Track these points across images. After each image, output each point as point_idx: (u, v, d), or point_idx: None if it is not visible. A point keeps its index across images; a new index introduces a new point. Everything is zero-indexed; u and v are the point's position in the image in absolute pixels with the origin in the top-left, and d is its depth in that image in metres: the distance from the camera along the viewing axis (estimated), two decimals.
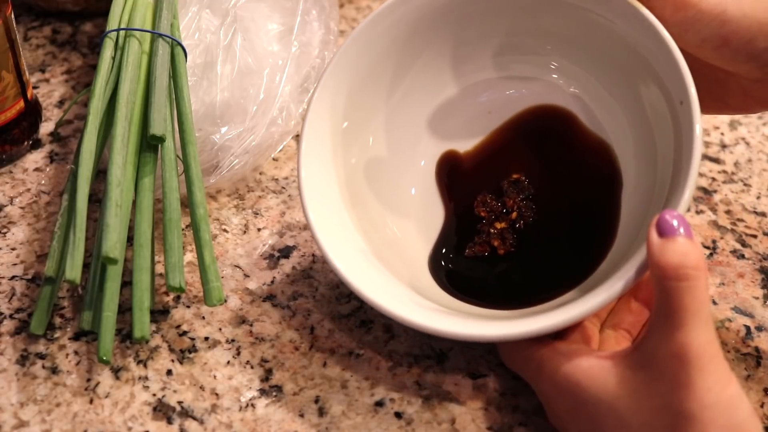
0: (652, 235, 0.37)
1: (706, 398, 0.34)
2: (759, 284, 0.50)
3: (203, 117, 0.54)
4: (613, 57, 0.46)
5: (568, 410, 0.38)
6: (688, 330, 0.35)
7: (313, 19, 0.63)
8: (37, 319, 0.45)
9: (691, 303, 0.35)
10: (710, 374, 0.34)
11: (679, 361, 0.35)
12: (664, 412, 0.35)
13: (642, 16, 0.42)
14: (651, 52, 0.43)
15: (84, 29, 0.70)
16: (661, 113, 0.43)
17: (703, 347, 0.35)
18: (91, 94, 0.51)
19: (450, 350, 0.46)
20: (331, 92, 0.48)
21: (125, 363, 0.45)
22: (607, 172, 0.47)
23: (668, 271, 0.35)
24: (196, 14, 0.57)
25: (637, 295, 0.43)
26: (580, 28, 0.47)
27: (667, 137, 0.43)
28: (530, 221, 0.48)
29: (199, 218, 0.47)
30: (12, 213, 0.54)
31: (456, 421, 0.43)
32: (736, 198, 0.56)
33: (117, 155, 0.47)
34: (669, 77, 0.41)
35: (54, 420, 0.42)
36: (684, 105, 0.40)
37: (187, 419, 0.42)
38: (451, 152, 0.51)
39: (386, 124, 0.51)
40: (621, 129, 0.47)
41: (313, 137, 0.47)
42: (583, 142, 0.48)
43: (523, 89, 0.51)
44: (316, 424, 0.42)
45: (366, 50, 0.48)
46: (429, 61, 0.51)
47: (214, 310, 0.48)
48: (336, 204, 0.47)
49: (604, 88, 0.48)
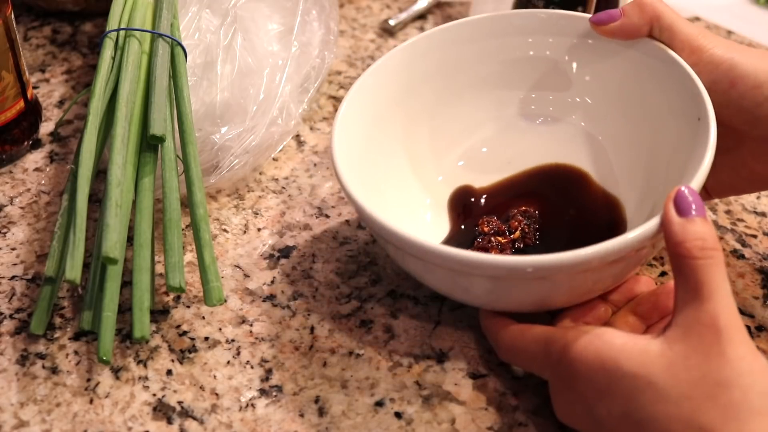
0: (670, 212, 0.39)
1: (741, 366, 0.35)
2: (759, 284, 0.50)
3: (203, 117, 0.54)
4: (635, 94, 0.50)
5: (600, 390, 0.38)
6: (716, 302, 0.36)
7: (313, 19, 0.63)
8: (37, 319, 0.45)
9: (715, 277, 0.37)
10: (741, 344, 0.36)
11: (711, 331, 0.36)
12: (702, 382, 0.35)
13: (666, 54, 0.46)
14: (672, 81, 0.46)
15: (84, 29, 0.70)
16: (673, 138, 0.46)
17: (732, 319, 0.36)
18: (91, 94, 0.51)
19: (450, 350, 0.46)
20: (383, 77, 0.51)
21: (125, 363, 0.45)
22: (613, 221, 0.50)
23: (694, 251, 0.37)
24: (196, 14, 0.57)
25: (635, 310, 0.44)
26: (615, 74, 0.50)
27: (677, 159, 0.45)
28: (531, 245, 0.49)
29: (199, 218, 0.47)
30: (12, 213, 0.54)
31: (456, 421, 0.43)
32: (736, 198, 0.56)
33: (117, 155, 0.47)
34: (689, 99, 0.45)
35: (54, 420, 0.42)
36: (702, 120, 0.43)
37: (187, 419, 0.42)
38: (468, 186, 0.53)
39: (423, 137, 0.53)
40: (636, 171, 0.50)
41: (351, 110, 0.49)
42: (593, 197, 0.51)
43: (547, 132, 0.54)
44: (316, 424, 0.42)
45: (426, 57, 0.52)
46: (474, 93, 0.54)
47: (214, 310, 0.48)
48: (367, 174, 0.49)
49: (626, 130, 0.51)
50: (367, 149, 0.49)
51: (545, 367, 0.41)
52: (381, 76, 0.50)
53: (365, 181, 0.47)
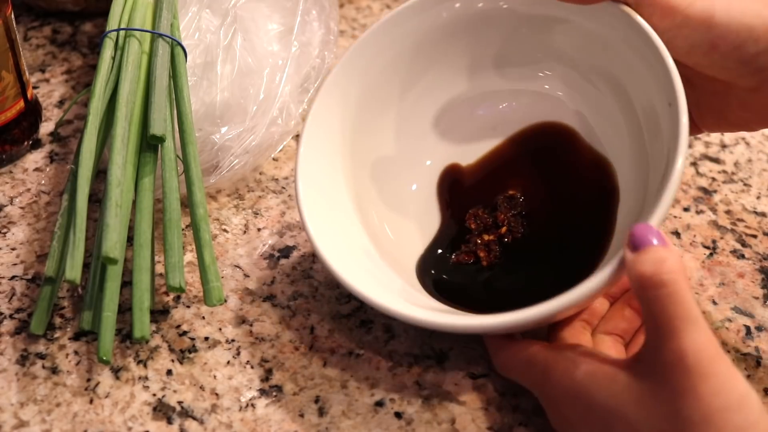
0: (626, 251, 0.37)
1: (715, 403, 0.33)
2: (759, 284, 0.50)
3: (203, 117, 0.54)
4: (612, 67, 0.47)
5: (580, 415, 0.38)
6: (681, 337, 0.34)
7: (313, 19, 0.63)
8: (37, 319, 0.45)
9: (676, 309, 0.34)
10: (713, 377, 0.33)
11: (678, 369, 0.34)
12: (675, 419, 0.34)
13: (635, 22, 0.42)
14: (645, 59, 0.43)
15: (84, 29, 0.70)
16: (653, 120, 0.43)
17: (701, 352, 0.34)
18: (91, 94, 0.51)
19: (450, 350, 0.46)
20: (340, 90, 0.49)
21: (125, 363, 0.45)
22: (605, 186, 0.47)
23: (644, 281, 0.35)
24: (196, 14, 0.57)
25: (631, 303, 0.43)
26: (581, 41, 0.48)
27: (659, 148, 0.42)
28: (519, 236, 0.49)
29: (199, 218, 0.47)
30: (12, 213, 0.54)
31: (456, 421, 0.43)
32: (736, 198, 0.56)
33: (117, 155, 0.47)
34: (659, 79, 0.42)
35: (54, 420, 0.42)
36: (672, 106, 0.40)
37: (187, 419, 0.42)
38: (454, 165, 0.52)
39: (397, 124, 0.52)
40: (620, 143, 0.48)
41: (315, 133, 0.48)
42: (583, 157, 0.49)
43: (528, 103, 0.52)
44: (316, 424, 0.42)
45: (380, 51, 0.50)
46: (442, 69, 0.52)
47: (214, 310, 0.48)
48: (341, 202, 0.48)
49: (606, 99, 0.49)
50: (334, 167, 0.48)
51: (533, 386, 0.41)
52: (345, 76, 0.49)
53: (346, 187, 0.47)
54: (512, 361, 0.42)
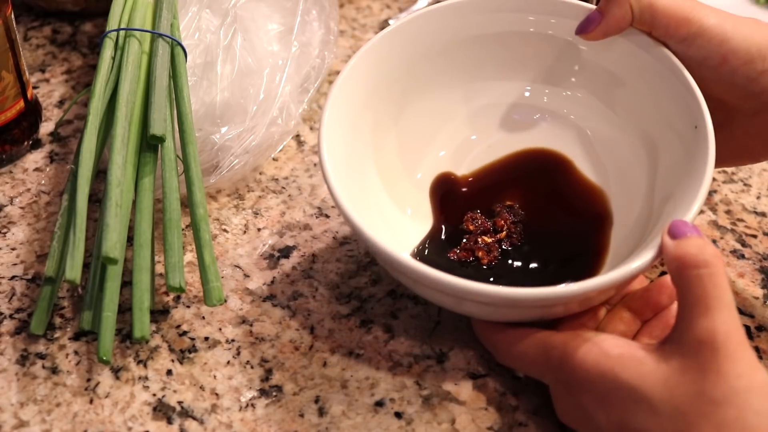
0: (665, 238, 0.38)
1: (738, 384, 0.34)
2: (759, 284, 0.50)
3: (203, 117, 0.54)
4: (627, 89, 0.49)
5: (598, 398, 0.38)
6: (714, 316, 0.35)
7: (313, 19, 0.63)
8: (37, 319, 0.45)
9: (714, 289, 0.36)
10: (739, 360, 0.35)
11: (707, 347, 0.35)
12: (697, 398, 0.35)
13: (660, 50, 0.45)
14: (667, 81, 0.45)
15: (84, 29, 0.70)
16: (669, 142, 0.46)
17: (730, 333, 0.35)
18: (91, 94, 0.51)
19: (450, 350, 0.46)
20: (375, 59, 0.49)
21: (125, 363, 0.45)
22: (597, 211, 0.49)
23: (688, 259, 0.37)
24: (196, 14, 0.57)
25: (630, 306, 0.44)
26: (596, 69, 0.50)
27: (673, 166, 0.44)
28: (517, 244, 0.49)
29: (199, 218, 0.47)
30: (12, 213, 0.54)
31: (456, 421, 0.43)
32: (736, 198, 0.56)
33: (117, 155, 0.47)
34: (683, 103, 0.44)
35: (54, 420, 0.42)
36: (699, 128, 0.42)
37: (187, 419, 0.42)
38: (448, 174, 0.52)
39: (399, 123, 0.52)
40: (626, 163, 0.49)
41: (341, 96, 0.47)
42: (576, 185, 0.50)
43: (532, 119, 0.53)
44: (316, 424, 0.42)
45: (385, 58, 0.50)
46: (448, 78, 0.52)
47: (214, 310, 0.48)
48: (358, 172, 0.48)
49: (619, 121, 0.50)
50: (349, 160, 0.48)
51: (545, 372, 0.41)
52: (353, 79, 0.49)
53: (352, 189, 0.47)
54: (517, 347, 0.42)
